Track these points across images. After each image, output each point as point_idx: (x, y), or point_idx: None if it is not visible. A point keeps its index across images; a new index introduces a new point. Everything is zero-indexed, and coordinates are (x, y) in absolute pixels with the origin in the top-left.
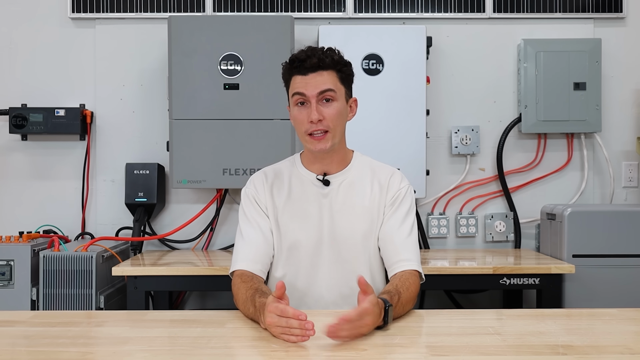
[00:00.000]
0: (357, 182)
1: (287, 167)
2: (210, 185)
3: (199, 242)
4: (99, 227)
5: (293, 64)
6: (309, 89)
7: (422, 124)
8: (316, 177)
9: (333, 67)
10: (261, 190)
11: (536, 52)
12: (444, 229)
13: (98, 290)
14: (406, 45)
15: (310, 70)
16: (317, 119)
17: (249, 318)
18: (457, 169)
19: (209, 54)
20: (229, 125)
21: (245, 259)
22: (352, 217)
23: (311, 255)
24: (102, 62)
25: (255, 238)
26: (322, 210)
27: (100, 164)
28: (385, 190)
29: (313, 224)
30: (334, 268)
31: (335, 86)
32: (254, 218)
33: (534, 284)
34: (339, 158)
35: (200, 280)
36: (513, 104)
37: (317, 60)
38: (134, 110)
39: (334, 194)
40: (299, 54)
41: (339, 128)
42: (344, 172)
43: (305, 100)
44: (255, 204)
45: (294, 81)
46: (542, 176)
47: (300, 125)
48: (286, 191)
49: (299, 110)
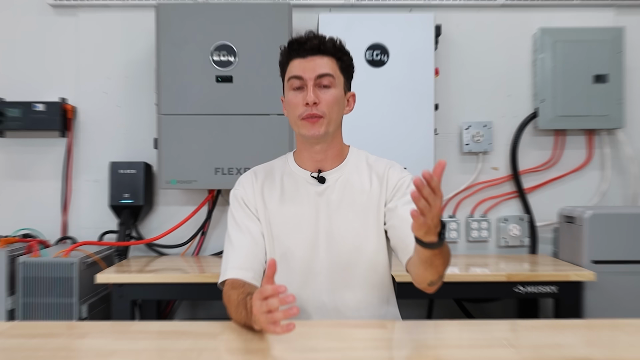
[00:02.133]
0: (355, 178)
1: (279, 166)
2: (202, 186)
3: (189, 247)
4: (81, 231)
5: (292, 46)
6: (306, 72)
7: (430, 119)
8: (310, 175)
9: (334, 54)
10: (250, 192)
11: (553, 41)
12: (454, 233)
13: (80, 299)
14: (413, 35)
15: (309, 53)
16: (312, 100)
17: (243, 326)
18: (468, 168)
19: (200, 44)
20: (222, 121)
21: (236, 266)
22: (351, 215)
23: (307, 260)
24: (84, 52)
25: (245, 244)
26: (318, 209)
27: (82, 163)
28: (384, 183)
29: (308, 226)
30: (333, 271)
31: (334, 72)
32: (244, 222)
33: (551, 293)
34: (334, 153)
35: (190, 288)
36: (528, 98)
37: (318, 42)
38: (119, 104)
39: (330, 192)
40: (299, 37)
41: (334, 116)
42: (339, 168)
43: (302, 85)
44: (244, 206)
45: (291, 65)
46: (560, 176)
47: (294, 109)
48: (278, 191)
49: (294, 95)
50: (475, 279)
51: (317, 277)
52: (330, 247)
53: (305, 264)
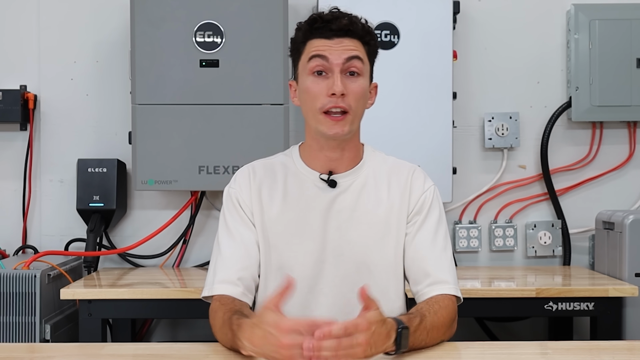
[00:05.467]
0: (371, 183)
1: (282, 163)
2: (183, 187)
3: (169, 258)
4: (44, 239)
5: (314, 23)
6: (333, 54)
7: (448, 110)
8: (319, 177)
9: (362, 38)
10: (246, 190)
11: (590, 20)
12: (475, 241)
13: (43, 318)
14: (428, 12)
15: (336, 34)
16: (340, 91)
17: (230, 348)
18: (492, 166)
19: (182, 23)
20: (207, 111)
21: (225, 280)
22: (365, 227)
23: (310, 277)
24: (47, 32)
25: (236, 254)
26: (327, 218)
27: (45, 160)
28: (407, 193)
29: (314, 237)
30: (339, 292)
31: (363, 57)
32: (236, 228)
33: (588, 310)
34: (351, 154)
35: (170, 305)
36: (561, 85)
37: (349, 21)
38: (88, 93)
39: (341, 199)
40: (322, 14)
41: (360, 112)
42: (354, 171)
43: (326, 69)
44: (238, 207)
45: (311, 45)
46: (597, 175)
47: (314, 99)
48: (280, 193)
49: (315, 81)
50: (499, 295)
51: (319, 297)
52: (338, 263)
53: (307, 282)
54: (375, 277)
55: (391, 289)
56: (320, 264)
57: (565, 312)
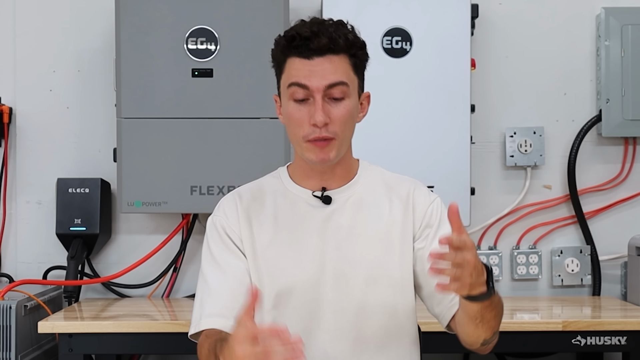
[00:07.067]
0: (369, 198)
1: (270, 184)
2: (174, 209)
3: (157, 287)
4: (20, 267)
5: (292, 42)
6: (313, 80)
7: (466, 124)
8: (312, 194)
9: (347, 51)
10: (233, 218)
11: (622, 25)
12: (495, 269)
13: (19, 354)
14: (443, 16)
15: (316, 54)
16: (323, 122)
17: None
18: (514, 186)
19: (172, 29)
20: (200, 126)
21: (214, 313)
22: (366, 244)
23: (309, 301)
24: (24, 39)
25: (225, 284)
26: (324, 238)
27: (21, 180)
28: (410, 208)
29: (311, 259)
30: (341, 314)
31: (348, 78)
32: (223, 258)
33: (619, 345)
34: (342, 170)
35: (159, 339)
36: (590, 97)
37: (328, 40)
38: (69, 105)
39: (338, 216)
40: (301, 29)
41: (347, 134)
42: (349, 186)
43: (307, 96)
44: (225, 236)
45: (290, 65)
46: (630, 196)
47: (297, 127)
48: (270, 217)
49: (296, 108)
50: (522, 328)
51: (321, 323)
52: (339, 285)
53: (307, 307)
54: (381, 296)
55: (399, 308)
56: (321, 287)
57: (595, 347)
